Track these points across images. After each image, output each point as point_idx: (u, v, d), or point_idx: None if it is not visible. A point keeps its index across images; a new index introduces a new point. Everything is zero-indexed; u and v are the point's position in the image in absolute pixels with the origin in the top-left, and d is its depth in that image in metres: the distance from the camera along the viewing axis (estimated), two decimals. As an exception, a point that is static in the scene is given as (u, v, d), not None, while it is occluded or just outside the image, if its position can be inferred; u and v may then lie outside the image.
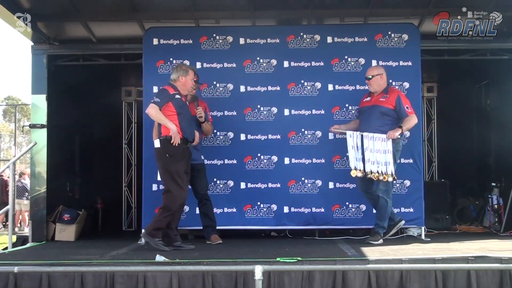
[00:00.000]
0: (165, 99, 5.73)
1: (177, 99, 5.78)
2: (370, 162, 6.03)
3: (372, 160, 6.03)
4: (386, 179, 5.98)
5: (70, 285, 4.67)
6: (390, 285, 4.67)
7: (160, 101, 5.70)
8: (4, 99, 35.04)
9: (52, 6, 7.06)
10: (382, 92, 6.27)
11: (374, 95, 6.28)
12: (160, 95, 5.78)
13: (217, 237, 6.29)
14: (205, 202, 6.34)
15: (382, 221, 6.19)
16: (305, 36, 6.90)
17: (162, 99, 5.72)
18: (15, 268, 4.59)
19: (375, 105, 6.20)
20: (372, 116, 6.16)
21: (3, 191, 13.00)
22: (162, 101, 5.71)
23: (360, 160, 6.09)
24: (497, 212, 7.67)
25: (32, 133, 7.37)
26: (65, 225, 7.12)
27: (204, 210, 6.35)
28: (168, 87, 5.85)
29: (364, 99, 6.41)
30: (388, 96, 6.21)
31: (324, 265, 4.76)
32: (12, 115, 30.24)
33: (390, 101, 6.16)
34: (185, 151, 5.79)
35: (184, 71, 5.91)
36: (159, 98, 5.73)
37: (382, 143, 6.01)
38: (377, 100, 6.22)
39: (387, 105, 6.16)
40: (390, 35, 6.87)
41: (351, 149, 6.14)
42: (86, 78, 8.09)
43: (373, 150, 6.03)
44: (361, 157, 6.08)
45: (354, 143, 6.13)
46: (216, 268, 4.69)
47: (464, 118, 9.08)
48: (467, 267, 4.73)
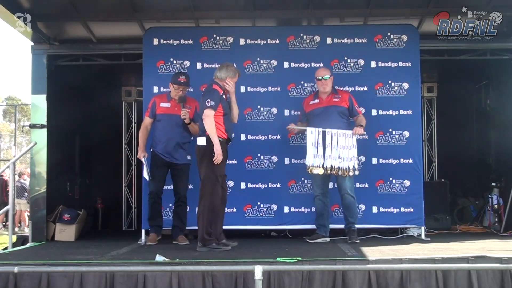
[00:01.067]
0: (218, 100, 5.70)
1: (224, 99, 5.80)
2: (332, 158, 6.11)
3: (334, 156, 6.11)
4: (348, 174, 6.13)
5: (69, 285, 4.66)
6: (390, 285, 4.67)
7: (215, 104, 5.65)
8: (4, 99, 35.02)
9: (52, 6, 7.06)
10: (332, 93, 6.38)
11: (323, 96, 6.35)
12: (213, 97, 5.69)
13: (184, 238, 6.34)
14: (181, 203, 6.39)
15: (354, 218, 6.34)
16: (305, 37, 6.91)
17: (216, 101, 5.68)
18: (15, 268, 4.59)
19: (331, 106, 6.31)
20: (332, 116, 6.24)
21: (3, 191, 13.00)
22: (216, 103, 5.67)
23: (319, 157, 6.13)
24: (497, 212, 7.67)
25: (32, 133, 7.37)
26: (65, 225, 7.12)
27: (178, 211, 6.40)
28: (217, 87, 5.80)
29: (309, 101, 6.45)
30: (340, 96, 6.37)
31: (324, 265, 4.76)
32: (12, 115, 30.21)
33: (344, 101, 6.34)
34: (227, 151, 5.85)
35: (233, 72, 5.90)
36: (214, 101, 5.66)
37: (347, 139, 6.15)
38: (331, 100, 6.34)
39: (343, 104, 6.32)
40: (390, 36, 6.88)
41: (310, 145, 6.17)
42: (86, 78, 8.09)
43: (336, 146, 6.12)
44: (321, 153, 6.12)
45: (314, 139, 6.16)
46: (216, 268, 4.70)
47: (464, 118, 9.09)
48: (467, 267, 4.73)
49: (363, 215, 6.73)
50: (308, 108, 6.44)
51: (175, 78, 6.32)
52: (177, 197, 6.40)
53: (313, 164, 6.15)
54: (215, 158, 5.57)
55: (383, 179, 6.76)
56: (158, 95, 6.61)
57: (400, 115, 6.80)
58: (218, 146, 5.58)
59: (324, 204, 6.41)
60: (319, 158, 6.14)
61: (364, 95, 6.81)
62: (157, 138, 6.35)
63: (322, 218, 6.45)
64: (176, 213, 6.42)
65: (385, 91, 6.83)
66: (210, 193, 5.65)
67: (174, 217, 6.44)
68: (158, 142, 6.32)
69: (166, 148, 6.26)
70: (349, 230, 6.34)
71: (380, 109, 6.82)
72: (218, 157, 5.57)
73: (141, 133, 6.42)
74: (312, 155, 6.16)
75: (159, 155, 6.29)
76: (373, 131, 6.77)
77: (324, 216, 6.44)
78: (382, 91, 6.83)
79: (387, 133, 6.79)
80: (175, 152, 6.28)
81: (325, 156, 6.13)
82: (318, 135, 6.16)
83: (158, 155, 6.30)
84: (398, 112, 6.81)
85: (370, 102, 6.80)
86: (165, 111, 6.32)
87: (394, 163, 6.78)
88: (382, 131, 6.79)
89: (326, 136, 6.15)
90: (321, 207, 6.42)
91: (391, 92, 6.83)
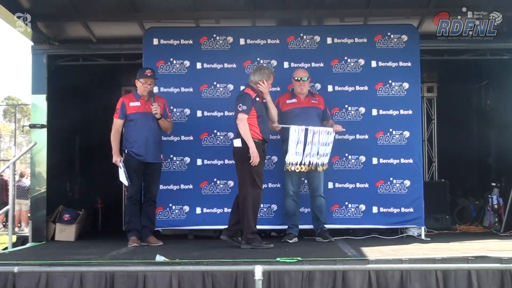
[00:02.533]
0: (250, 104, 5.85)
1: (257, 102, 5.93)
2: (311, 156, 6.19)
3: (313, 153, 6.20)
4: (322, 169, 6.27)
5: (69, 285, 4.66)
6: (390, 285, 4.67)
7: (247, 108, 5.82)
8: (4, 99, 35.04)
9: (52, 6, 7.06)
10: (310, 95, 6.47)
11: (301, 97, 6.41)
12: (245, 101, 5.86)
13: (155, 239, 6.29)
14: (151, 203, 6.35)
15: (325, 218, 6.47)
16: (305, 37, 6.91)
17: (248, 105, 5.84)
18: (15, 268, 4.59)
19: (310, 107, 6.40)
20: (311, 117, 6.33)
21: (3, 191, 12.99)
22: (248, 107, 5.83)
23: (298, 155, 6.18)
24: (497, 212, 7.67)
25: (32, 133, 7.37)
26: (65, 225, 7.12)
27: (147, 211, 6.34)
28: (249, 90, 5.96)
29: (286, 100, 6.48)
30: (317, 99, 6.48)
31: (324, 265, 4.76)
32: (12, 115, 30.23)
33: (321, 104, 6.47)
34: (264, 151, 5.98)
35: (267, 75, 6.03)
36: (245, 105, 5.83)
37: (327, 135, 6.29)
38: (309, 102, 6.43)
39: (320, 106, 6.45)
40: (390, 36, 6.88)
41: (292, 143, 6.19)
42: (86, 78, 8.08)
43: (316, 143, 6.21)
44: (301, 151, 6.18)
45: (297, 137, 6.19)
46: (216, 268, 4.69)
47: (464, 118, 9.09)
48: (467, 267, 4.72)
49: (363, 215, 6.74)
50: (285, 107, 6.45)
51: (141, 73, 6.27)
52: (148, 197, 6.32)
53: (291, 162, 6.18)
54: (251, 160, 5.73)
55: (384, 179, 6.76)
56: (125, 96, 6.61)
57: (401, 115, 6.81)
58: (253, 148, 5.75)
59: (296, 204, 6.48)
60: (298, 156, 6.19)
61: (365, 95, 6.83)
62: (131, 139, 6.24)
63: (295, 218, 6.50)
64: (146, 213, 6.32)
65: (386, 91, 6.83)
66: (251, 193, 5.81)
67: (144, 218, 6.31)
68: (134, 143, 6.21)
69: (143, 147, 6.17)
70: (321, 230, 6.44)
71: (381, 109, 6.82)
72: (255, 159, 5.74)
73: (113, 136, 6.24)
74: (294, 153, 6.19)
75: (134, 156, 6.19)
76: (373, 130, 6.79)
77: (296, 216, 6.51)
78: (383, 90, 6.84)
79: (388, 133, 6.80)
80: (151, 151, 6.21)
81: (304, 154, 6.19)
82: (300, 133, 6.20)
83: (133, 156, 6.19)
84: (399, 112, 6.81)
85: (371, 102, 6.82)
86: (136, 110, 6.24)
87: (394, 163, 6.78)
88: (383, 131, 6.80)
89: (308, 134, 6.20)
90: (294, 207, 6.46)
91: (391, 92, 6.83)
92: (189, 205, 6.76)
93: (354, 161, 6.75)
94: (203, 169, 6.83)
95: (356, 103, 6.82)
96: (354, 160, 6.75)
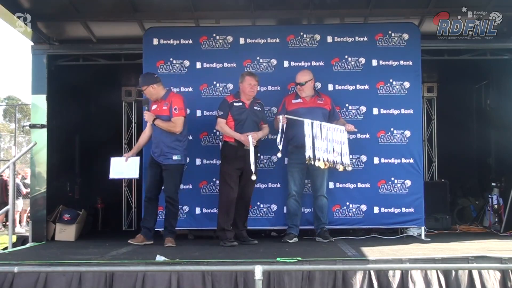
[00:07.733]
0: (227, 109, 6.17)
1: (234, 106, 6.17)
2: (327, 152, 6.17)
3: (329, 149, 6.18)
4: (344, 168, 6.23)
5: (69, 285, 4.66)
6: (390, 285, 4.67)
7: (223, 113, 6.18)
8: (4, 99, 35.02)
9: (52, 6, 7.05)
10: (316, 95, 6.46)
11: (307, 98, 6.41)
12: (222, 107, 6.22)
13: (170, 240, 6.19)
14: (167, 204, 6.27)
15: (326, 219, 6.48)
16: (305, 36, 6.91)
17: (225, 110, 6.18)
18: (15, 268, 4.57)
19: (316, 107, 6.38)
20: (317, 117, 6.28)
21: (3, 191, 12.98)
22: (225, 112, 6.17)
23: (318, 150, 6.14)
24: (497, 212, 7.67)
25: (32, 133, 7.37)
26: (65, 225, 7.12)
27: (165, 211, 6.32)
28: (228, 97, 6.29)
29: (291, 100, 6.48)
30: (324, 99, 6.47)
31: (324, 265, 4.76)
32: (12, 115, 30.19)
33: (328, 104, 6.46)
34: (238, 151, 6.13)
35: (241, 78, 6.25)
36: (222, 110, 6.20)
37: (340, 134, 6.25)
38: (315, 102, 6.43)
39: (326, 107, 6.44)
40: (391, 34, 6.87)
41: (307, 138, 6.15)
42: (86, 78, 8.09)
43: (331, 140, 6.20)
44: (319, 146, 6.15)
45: (311, 132, 6.16)
46: (216, 268, 4.69)
47: (464, 118, 9.08)
48: (467, 267, 4.73)
49: (364, 215, 6.73)
50: (291, 107, 6.44)
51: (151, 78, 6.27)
52: (164, 197, 6.30)
53: (310, 156, 6.14)
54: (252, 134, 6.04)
55: (385, 179, 6.75)
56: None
57: (402, 114, 6.80)
58: (237, 136, 6.07)
59: (298, 204, 6.47)
60: (318, 151, 6.13)
61: (365, 94, 6.82)
62: (152, 137, 6.39)
63: (296, 218, 6.49)
64: (164, 213, 6.35)
65: (386, 90, 6.83)
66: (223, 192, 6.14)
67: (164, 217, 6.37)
68: (153, 140, 6.36)
69: (156, 147, 6.24)
70: (321, 230, 6.44)
71: (382, 108, 6.81)
72: (245, 140, 6.03)
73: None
74: (309, 147, 6.14)
75: (151, 154, 6.33)
76: (374, 130, 6.78)
77: (298, 216, 6.50)
78: (383, 89, 6.83)
79: (389, 132, 6.79)
80: (163, 152, 6.20)
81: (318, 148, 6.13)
82: (315, 128, 6.16)
83: (151, 155, 6.34)
84: (400, 111, 6.80)
85: (372, 101, 6.81)
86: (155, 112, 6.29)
87: (395, 162, 6.77)
88: (384, 130, 6.79)
89: (322, 129, 6.19)
90: (296, 207, 6.46)
91: (392, 90, 6.82)
92: (188, 205, 6.75)
93: (355, 161, 6.70)
94: (202, 169, 6.82)
95: (357, 102, 6.80)
96: (355, 159, 6.70)
